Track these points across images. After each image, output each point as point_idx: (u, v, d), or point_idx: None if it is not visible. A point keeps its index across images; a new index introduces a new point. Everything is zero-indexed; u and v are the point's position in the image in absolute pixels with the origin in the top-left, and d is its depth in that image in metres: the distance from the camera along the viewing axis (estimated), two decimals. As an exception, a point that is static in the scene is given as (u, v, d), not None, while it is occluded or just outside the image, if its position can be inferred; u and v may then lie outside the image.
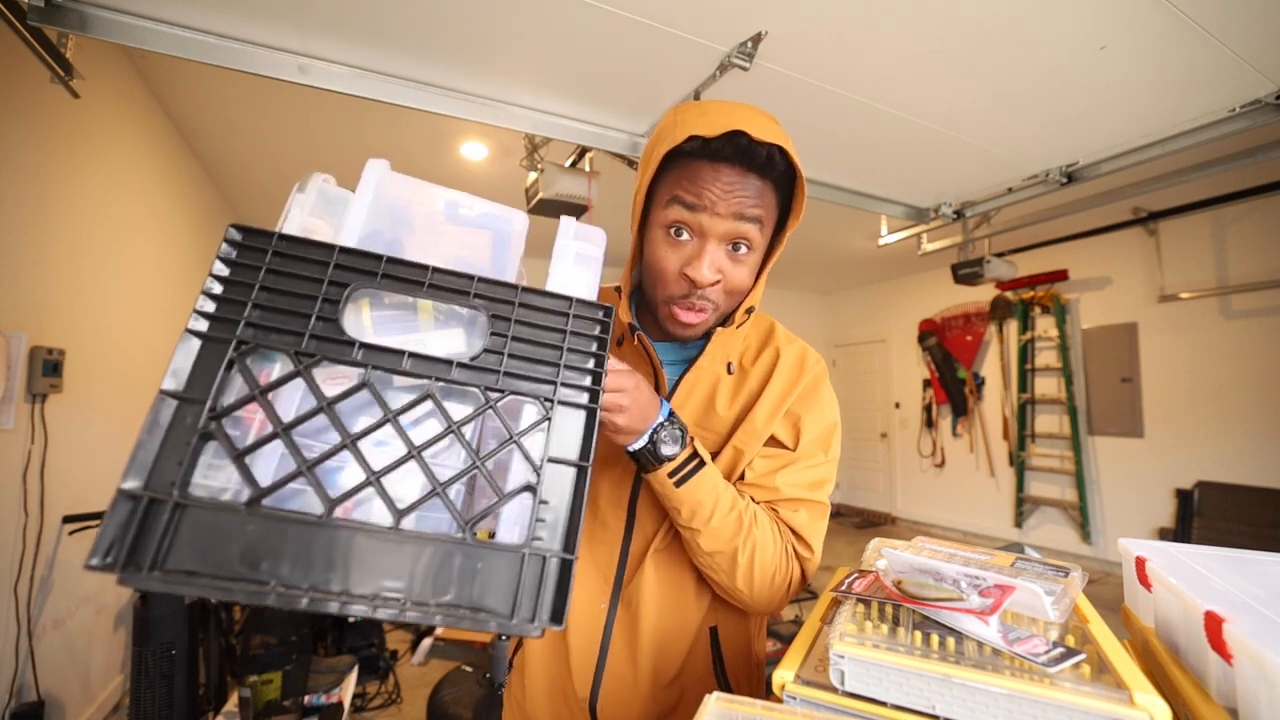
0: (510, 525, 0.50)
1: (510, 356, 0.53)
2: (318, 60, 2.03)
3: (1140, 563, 0.65)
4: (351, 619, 3.08)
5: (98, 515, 2.07)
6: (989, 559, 0.68)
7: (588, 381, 0.53)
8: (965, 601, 0.55)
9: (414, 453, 0.48)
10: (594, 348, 0.54)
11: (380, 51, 2.04)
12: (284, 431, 0.46)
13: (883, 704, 0.51)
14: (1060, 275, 5.22)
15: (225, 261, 0.50)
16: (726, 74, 2.10)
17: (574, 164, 2.85)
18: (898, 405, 6.88)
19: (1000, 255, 4.72)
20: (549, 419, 0.52)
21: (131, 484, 0.43)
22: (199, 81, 2.71)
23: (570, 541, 0.49)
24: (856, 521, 7.00)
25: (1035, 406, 5.45)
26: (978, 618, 0.53)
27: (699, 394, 0.85)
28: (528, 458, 0.51)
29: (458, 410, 0.52)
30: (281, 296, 0.49)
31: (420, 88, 2.19)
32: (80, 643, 2.38)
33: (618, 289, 0.87)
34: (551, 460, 0.51)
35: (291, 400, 0.49)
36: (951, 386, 6.13)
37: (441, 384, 0.51)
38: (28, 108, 1.98)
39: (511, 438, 0.52)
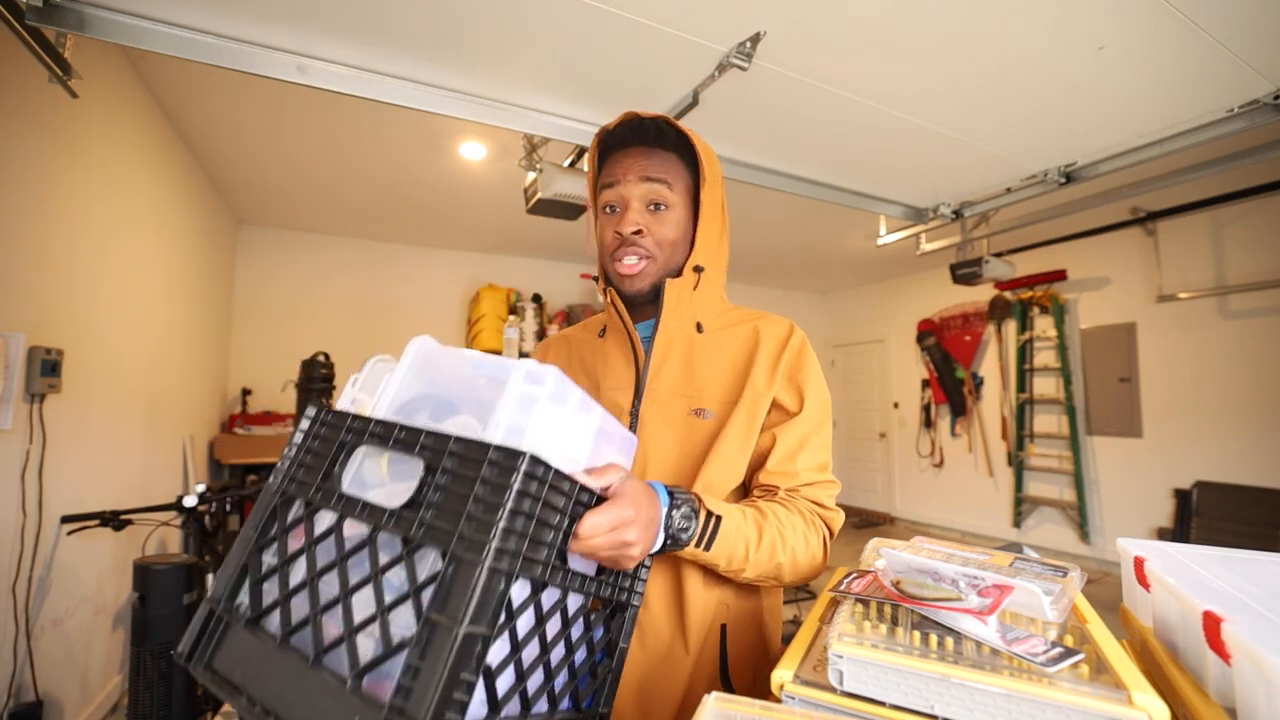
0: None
1: (429, 507, 0.52)
2: (316, 60, 2.03)
3: (1139, 563, 0.65)
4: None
5: (96, 515, 2.06)
6: (987, 559, 0.68)
7: (490, 535, 0.48)
8: (964, 601, 0.55)
9: (341, 597, 0.53)
10: (511, 501, 0.49)
11: (379, 51, 2.04)
12: (283, 564, 0.58)
13: (881, 704, 0.51)
14: (1059, 275, 5.22)
15: (301, 433, 0.64)
16: (725, 74, 2.10)
17: (573, 164, 2.85)
18: (896, 405, 6.88)
19: (999, 255, 4.71)
20: (447, 573, 0.49)
21: (210, 593, 0.59)
22: (197, 81, 2.71)
23: (452, 708, 0.45)
24: (855, 521, 7.00)
25: (1034, 406, 5.45)
26: (976, 617, 0.53)
27: (675, 355, 0.92)
28: (425, 616, 0.48)
29: (426, 556, 0.53)
30: (312, 458, 0.62)
31: (419, 87, 2.19)
32: (78, 643, 2.38)
33: (595, 278, 0.99)
34: (436, 620, 0.47)
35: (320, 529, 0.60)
36: (950, 386, 6.14)
37: (382, 531, 0.54)
38: (26, 108, 1.97)
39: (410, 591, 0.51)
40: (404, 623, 0.50)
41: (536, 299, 5.60)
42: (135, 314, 2.84)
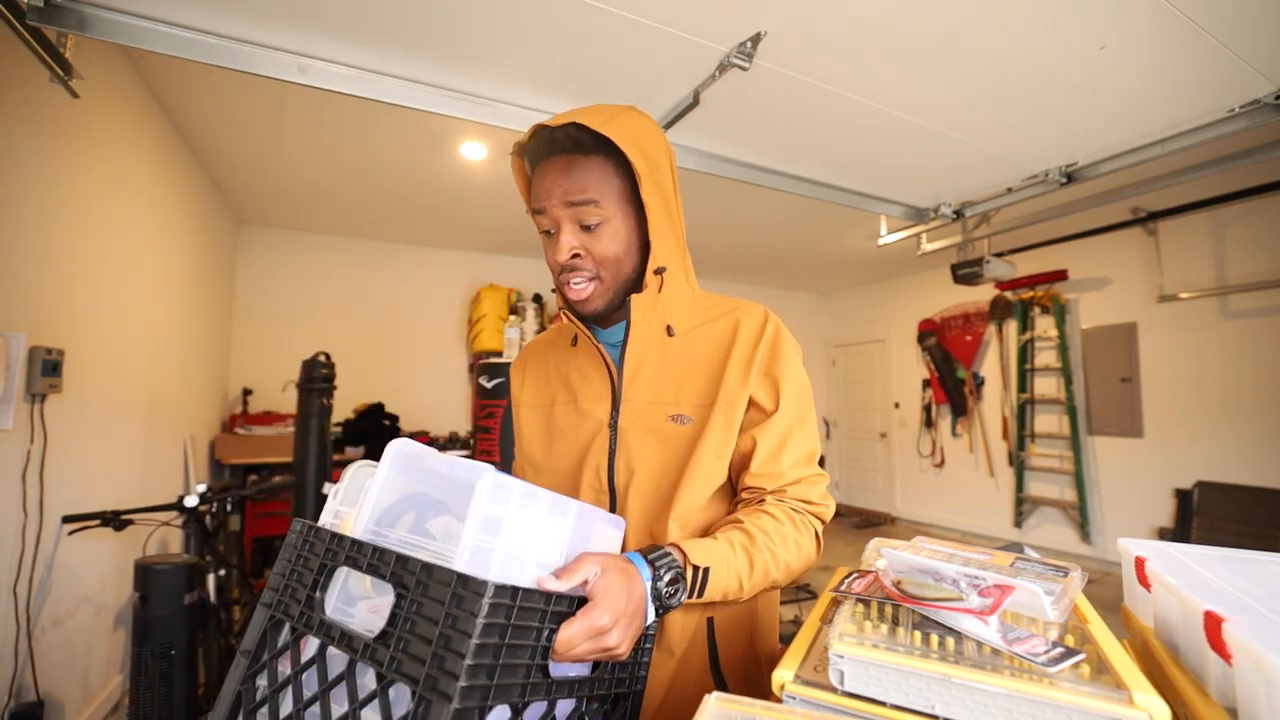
0: None
1: (400, 640, 0.51)
2: (317, 60, 2.03)
3: (1139, 562, 0.65)
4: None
5: (97, 515, 2.06)
6: (988, 559, 0.68)
7: (457, 673, 0.47)
8: (965, 601, 0.55)
9: None
10: (477, 634, 0.48)
11: (380, 51, 2.04)
12: (273, 691, 0.58)
13: (882, 704, 0.51)
14: (1060, 275, 5.22)
15: (287, 549, 0.63)
16: (726, 74, 2.10)
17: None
18: (897, 405, 6.88)
19: (1000, 255, 4.71)
20: (417, 714, 0.47)
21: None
22: (198, 81, 2.71)
23: None
24: (856, 521, 7.00)
25: (1035, 406, 5.45)
26: (977, 617, 0.53)
27: (648, 363, 0.90)
28: None
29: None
30: (299, 577, 0.61)
31: (420, 88, 2.19)
32: (79, 643, 2.38)
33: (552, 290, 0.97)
34: None
35: (308, 651, 0.60)
36: (951, 386, 6.13)
37: (360, 661, 0.53)
38: (27, 108, 1.97)
39: None
40: None
41: (537, 299, 5.61)
42: (136, 314, 2.85)
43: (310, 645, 0.59)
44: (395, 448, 0.66)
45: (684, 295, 0.93)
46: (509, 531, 0.57)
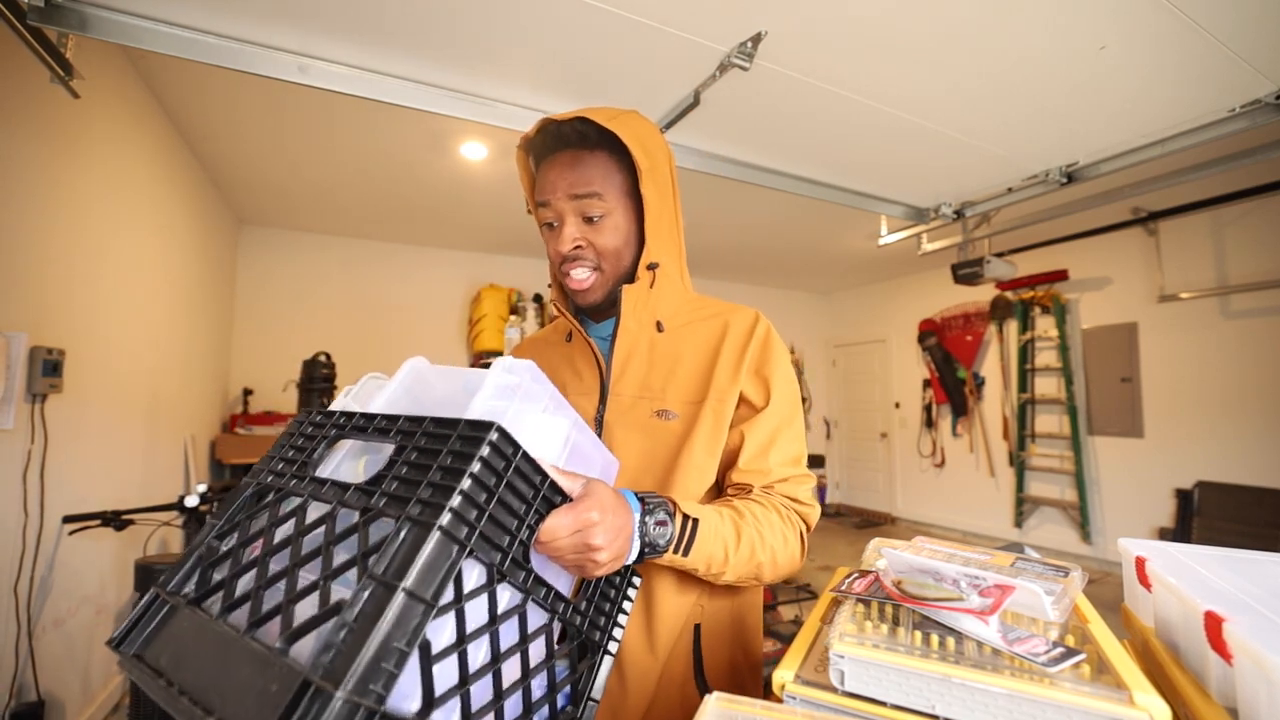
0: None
1: (394, 480, 0.50)
2: (317, 60, 2.03)
3: (1140, 563, 0.65)
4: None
5: (98, 515, 2.06)
6: (989, 559, 0.68)
7: (455, 502, 0.46)
8: (965, 601, 0.55)
9: (289, 569, 0.49)
10: (475, 468, 0.48)
11: (380, 51, 2.04)
12: (240, 545, 0.56)
13: (882, 704, 0.51)
14: (1060, 275, 5.22)
15: (286, 434, 0.64)
16: (726, 74, 2.10)
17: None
18: (897, 405, 6.88)
19: (1000, 255, 4.71)
20: (397, 536, 0.45)
21: (160, 581, 0.56)
22: (198, 81, 2.71)
23: (379, 678, 0.40)
24: (856, 521, 7.00)
25: (1035, 406, 5.45)
26: (977, 618, 0.53)
27: (637, 358, 0.91)
28: (367, 574, 0.44)
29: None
30: (293, 453, 0.62)
31: (420, 88, 2.19)
32: (80, 642, 2.38)
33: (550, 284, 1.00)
34: (377, 579, 0.43)
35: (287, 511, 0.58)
36: (951, 386, 6.13)
37: (344, 507, 0.52)
38: (28, 108, 1.97)
39: (362, 554, 0.48)
40: (348, 590, 0.46)
41: (538, 299, 5.61)
42: (136, 314, 2.85)
43: (287, 508, 0.56)
44: (411, 364, 0.68)
45: (677, 294, 0.95)
46: (518, 404, 0.59)
